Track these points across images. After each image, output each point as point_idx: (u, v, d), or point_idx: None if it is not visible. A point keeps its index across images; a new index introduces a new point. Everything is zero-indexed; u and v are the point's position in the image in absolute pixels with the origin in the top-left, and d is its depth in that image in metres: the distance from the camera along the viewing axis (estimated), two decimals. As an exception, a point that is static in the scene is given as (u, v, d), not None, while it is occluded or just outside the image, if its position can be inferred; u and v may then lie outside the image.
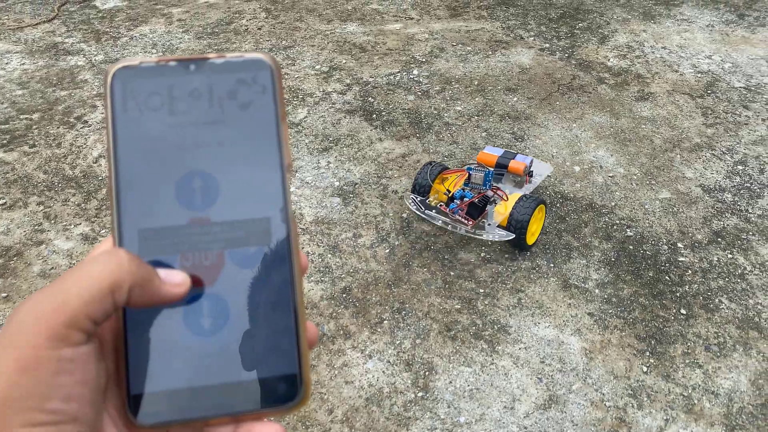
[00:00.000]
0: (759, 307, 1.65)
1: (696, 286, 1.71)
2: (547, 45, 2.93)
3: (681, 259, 1.80)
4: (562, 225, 1.92)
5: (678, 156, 2.20)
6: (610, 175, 2.12)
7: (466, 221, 1.74)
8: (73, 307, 0.28)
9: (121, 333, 0.32)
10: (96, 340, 0.30)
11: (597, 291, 1.70)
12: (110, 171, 0.33)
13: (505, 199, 1.76)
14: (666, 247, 1.83)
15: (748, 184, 2.07)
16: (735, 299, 1.67)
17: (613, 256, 1.81)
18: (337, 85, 2.64)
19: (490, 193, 1.77)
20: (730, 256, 1.80)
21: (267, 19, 3.19)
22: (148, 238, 0.33)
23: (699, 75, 2.67)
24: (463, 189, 1.80)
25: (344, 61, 2.82)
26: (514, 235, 1.70)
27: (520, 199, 1.73)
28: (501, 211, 1.74)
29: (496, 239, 1.72)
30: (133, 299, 0.30)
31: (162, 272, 0.32)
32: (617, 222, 1.93)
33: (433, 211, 1.78)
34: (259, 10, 3.28)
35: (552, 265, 1.79)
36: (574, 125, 2.37)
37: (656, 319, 1.62)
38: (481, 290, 1.72)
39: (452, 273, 1.77)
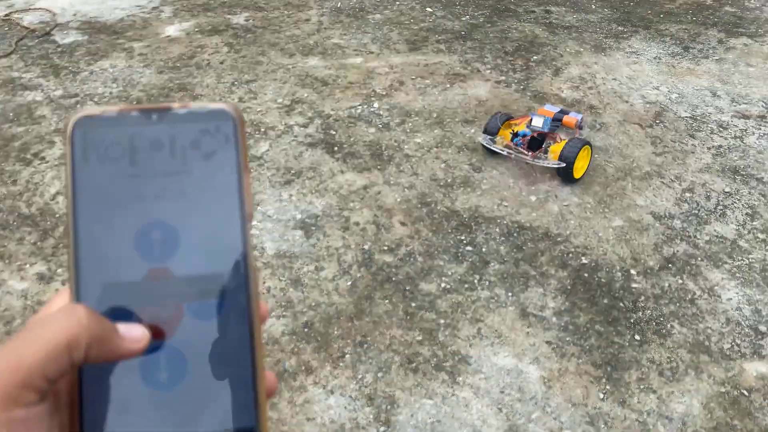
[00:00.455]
0: (709, 331, 1.71)
1: (649, 311, 1.77)
2: (503, 77, 3.02)
3: (634, 285, 1.85)
4: (519, 254, 1.97)
5: (630, 184, 2.28)
6: (565, 203, 2.18)
7: (526, 153, 2.23)
8: (28, 368, 0.27)
9: (76, 386, 0.31)
10: (50, 396, 0.29)
11: (554, 319, 1.74)
12: (69, 221, 0.33)
13: (558, 141, 2.25)
14: (620, 274, 1.89)
15: (696, 211, 2.15)
16: (686, 324, 1.73)
17: (569, 283, 1.86)
18: (299, 119, 2.67)
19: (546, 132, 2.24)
20: (680, 281, 1.87)
21: (229, 53, 3.22)
22: (106, 289, 0.33)
23: (648, 105, 2.79)
24: (525, 129, 2.27)
25: (306, 95, 2.85)
26: (564, 164, 2.14)
27: (570, 140, 2.20)
28: (554, 150, 2.21)
29: (551, 166, 2.20)
30: (91, 356, 0.30)
31: (121, 327, 0.32)
32: (572, 250, 1.98)
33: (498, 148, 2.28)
34: (221, 44, 3.31)
35: (510, 294, 1.82)
36: (531, 156, 2.43)
37: (611, 345, 1.67)
38: (442, 321, 1.74)
39: (413, 304, 1.79)
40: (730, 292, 1.82)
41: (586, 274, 1.89)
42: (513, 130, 2.30)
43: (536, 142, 2.25)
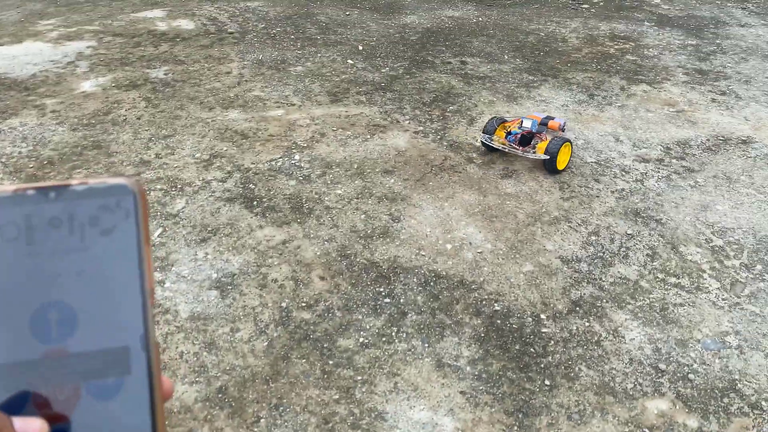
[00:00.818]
0: (613, 372, 1.78)
1: (558, 356, 1.83)
2: (421, 128, 3.12)
3: (544, 330, 1.92)
4: (435, 303, 2.00)
5: (539, 229, 2.38)
6: (479, 251, 2.25)
7: (518, 147, 2.72)
8: None
9: None
10: None
11: (468, 368, 1.77)
12: None
13: (544, 139, 2.75)
14: (530, 319, 1.95)
15: (601, 254, 2.26)
16: (593, 366, 1.80)
17: (483, 331, 1.90)
18: (217, 173, 2.66)
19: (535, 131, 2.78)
20: (587, 324, 1.94)
21: (147, 108, 3.18)
22: None
23: (556, 152, 2.93)
24: (517, 129, 2.77)
25: (225, 149, 2.85)
26: (549, 157, 2.64)
27: (553, 138, 2.70)
28: (541, 146, 2.70)
29: (538, 158, 2.69)
30: None
31: (17, 422, 0.30)
32: (486, 297, 2.03)
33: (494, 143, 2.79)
34: (139, 99, 3.27)
35: (426, 344, 1.85)
36: (446, 204, 2.51)
37: (523, 392, 1.71)
38: (359, 377, 1.74)
39: (331, 362, 1.79)
40: (633, 332, 1.91)
41: (498, 321, 1.94)
42: (507, 130, 2.80)
43: (526, 140, 2.74)
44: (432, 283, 2.09)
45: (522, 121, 2.78)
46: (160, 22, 4.50)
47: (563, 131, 2.84)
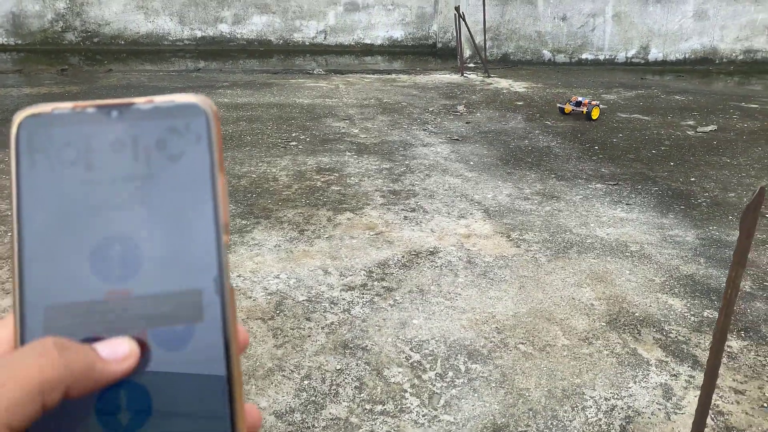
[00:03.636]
0: None
1: None
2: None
3: (258, 504, 1.84)
4: None
5: (253, 387, 2.35)
6: None
7: (577, 108, 6.25)
8: None
9: None
10: None
11: None
12: (13, 237, 0.30)
13: (586, 105, 6.26)
14: (244, 495, 1.87)
15: (314, 398, 2.30)
16: None
17: None
18: None
19: (584, 103, 6.55)
20: (301, 482, 1.92)
21: None
22: (55, 316, 0.30)
23: (269, 296, 3.00)
24: (574, 101, 6.37)
25: None
26: (587, 112, 6.16)
27: (590, 102, 6.27)
28: (584, 108, 6.21)
29: (584, 112, 6.20)
30: (73, 393, 0.28)
31: (103, 349, 0.29)
32: (196, 485, 1.90)
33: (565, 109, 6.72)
34: None
35: None
36: (153, 383, 2.35)
37: None
38: None
39: None
40: (345, 477, 1.94)
41: None
42: (570, 101, 6.34)
43: (579, 104, 6.23)
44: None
45: (577, 99, 6.28)
46: None
47: (596, 101, 6.53)
